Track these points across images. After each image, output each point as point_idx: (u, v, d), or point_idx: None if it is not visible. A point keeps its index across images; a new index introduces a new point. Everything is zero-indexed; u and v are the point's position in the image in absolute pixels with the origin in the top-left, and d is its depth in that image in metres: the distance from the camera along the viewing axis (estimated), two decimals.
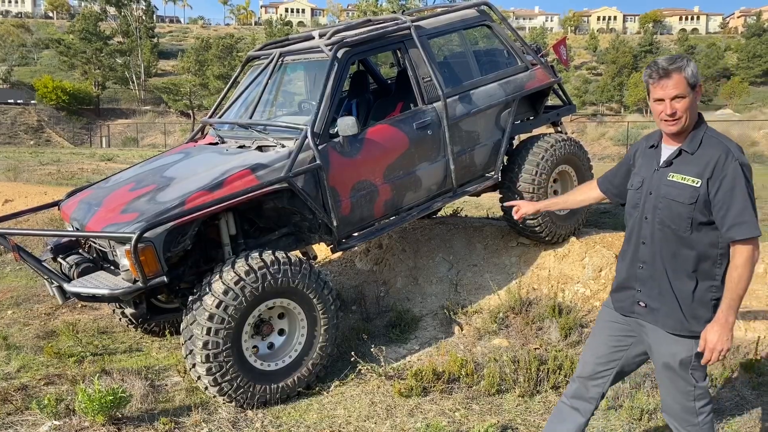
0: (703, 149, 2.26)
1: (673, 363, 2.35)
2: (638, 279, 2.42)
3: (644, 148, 2.50)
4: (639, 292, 2.42)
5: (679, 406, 2.40)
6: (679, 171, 2.29)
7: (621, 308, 2.51)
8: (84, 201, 4.25)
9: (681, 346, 2.33)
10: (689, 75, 2.21)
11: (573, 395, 2.65)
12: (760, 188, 11.22)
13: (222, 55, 48.46)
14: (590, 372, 2.60)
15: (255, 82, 4.88)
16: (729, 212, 2.19)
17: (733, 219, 2.19)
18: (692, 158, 2.27)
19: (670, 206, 2.29)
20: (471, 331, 4.77)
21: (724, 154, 2.21)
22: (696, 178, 2.24)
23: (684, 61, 2.23)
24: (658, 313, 2.37)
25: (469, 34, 5.48)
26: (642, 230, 2.39)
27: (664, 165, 2.34)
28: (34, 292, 6.09)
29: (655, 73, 2.24)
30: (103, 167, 17.32)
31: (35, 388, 3.97)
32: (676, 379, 2.38)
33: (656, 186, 2.35)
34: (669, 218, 2.30)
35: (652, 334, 2.41)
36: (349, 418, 3.62)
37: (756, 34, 64.28)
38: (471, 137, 4.93)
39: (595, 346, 2.61)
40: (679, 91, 2.21)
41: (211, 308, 3.52)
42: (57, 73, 52.98)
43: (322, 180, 4.05)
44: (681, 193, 2.26)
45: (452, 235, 5.90)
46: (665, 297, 2.35)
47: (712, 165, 2.21)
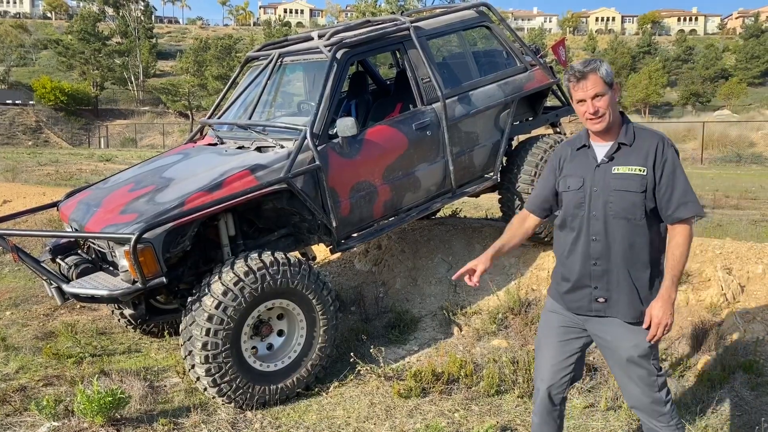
0: (639, 140, 2.40)
1: (636, 354, 2.41)
2: (593, 276, 2.45)
3: (571, 152, 2.56)
4: (596, 289, 2.46)
5: (648, 399, 2.46)
6: (623, 163, 2.39)
7: (578, 308, 2.52)
8: (83, 202, 4.25)
9: (641, 336, 2.40)
10: (604, 74, 2.34)
11: (540, 408, 2.67)
12: (758, 189, 11.25)
13: (221, 56, 48.47)
14: (549, 382, 2.62)
15: (254, 82, 4.88)
16: (674, 194, 2.34)
17: (678, 200, 2.34)
18: (632, 150, 2.39)
19: (624, 197, 2.37)
20: (470, 331, 4.78)
21: (660, 142, 2.38)
22: (641, 167, 2.36)
23: (597, 63, 2.37)
24: (619, 305, 2.43)
25: (468, 34, 5.49)
26: (591, 227, 2.43)
27: (606, 160, 2.42)
28: (33, 293, 6.08)
29: (573, 77, 2.38)
30: (101, 168, 17.31)
31: (34, 389, 3.97)
32: (641, 371, 2.44)
33: (601, 182, 2.41)
34: (623, 209, 2.37)
35: (612, 329, 2.46)
36: (349, 419, 3.62)
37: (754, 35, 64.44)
38: (470, 138, 4.93)
39: (550, 355, 2.62)
40: (597, 90, 2.34)
41: (210, 309, 3.52)
42: (55, 73, 52.95)
43: (322, 181, 4.05)
44: (631, 183, 2.36)
45: (451, 236, 5.90)
46: (623, 288, 2.41)
47: (652, 152, 2.36)
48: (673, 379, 3.86)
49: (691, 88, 55.37)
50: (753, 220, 7.41)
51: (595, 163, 2.44)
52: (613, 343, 2.46)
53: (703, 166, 19.80)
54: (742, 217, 7.67)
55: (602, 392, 3.73)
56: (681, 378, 3.88)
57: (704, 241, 5.12)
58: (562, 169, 2.56)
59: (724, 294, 4.54)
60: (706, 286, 4.65)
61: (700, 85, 55.70)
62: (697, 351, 4.11)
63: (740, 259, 4.77)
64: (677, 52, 65.87)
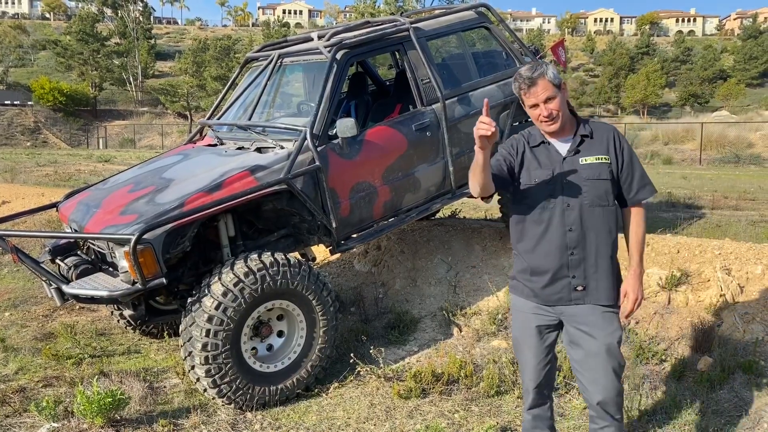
0: (596, 132, 2.55)
1: (612, 341, 2.52)
2: (571, 266, 2.52)
3: (528, 148, 2.61)
4: (574, 278, 2.53)
5: (615, 391, 2.55)
6: (588, 154, 2.51)
7: (558, 300, 2.57)
8: (82, 202, 4.24)
9: (615, 323, 2.55)
10: (552, 77, 2.44)
11: (531, 406, 2.77)
12: (757, 190, 11.26)
13: (219, 57, 48.41)
14: (537, 381, 2.70)
15: (254, 83, 4.88)
16: (634, 178, 2.54)
17: (638, 183, 2.55)
18: (593, 141, 2.54)
19: (596, 185, 2.49)
20: (470, 332, 4.78)
21: (613, 132, 2.56)
22: (605, 156, 2.51)
23: (544, 67, 2.47)
24: (597, 291, 2.53)
25: (468, 35, 5.49)
26: (566, 218, 2.51)
27: (572, 153, 2.52)
28: (32, 294, 6.08)
29: (523, 84, 2.47)
30: (100, 168, 17.29)
31: (33, 390, 3.97)
32: (613, 361, 2.52)
33: (570, 174, 2.51)
34: (598, 197, 2.50)
35: (589, 316, 2.53)
36: (349, 419, 3.62)
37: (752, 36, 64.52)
38: (470, 139, 4.93)
39: (533, 355, 2.68)
40: (548, 94, 2.45)
41: (210, 310, 3.52)
42: (54, 74, 52.90)
43: (321, 181, 4.05)
44: (600, 171, 2.49)
45: (451, 237, 5.90)
46: (602, 274, 2.53)
47: (611, 142, 2.53)
48: (673, 380, 3.87)
49: (690, 89, 55.41)
50: (752, 220, 7.42)
51: (561, 156, 2.53)
52: (591, 331, 2.53)
53: (701, 166, 19.83)
54: (741, 217, 7.68)
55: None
56: (681, 379, 3.88)
57: (703, 242, 5.12)
58: (522, 163, 2.60)
59: (724, 294, 4.54)
60: (706, 286, 4.66)
61: (699, 86, 55.75)
62: (696, 351, 4.11)
63: (739, 260, 4.78)
64: (675, 53, 65.93)
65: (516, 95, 2.55)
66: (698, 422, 3.36)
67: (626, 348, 4.12)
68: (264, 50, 5.22)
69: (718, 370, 3.83)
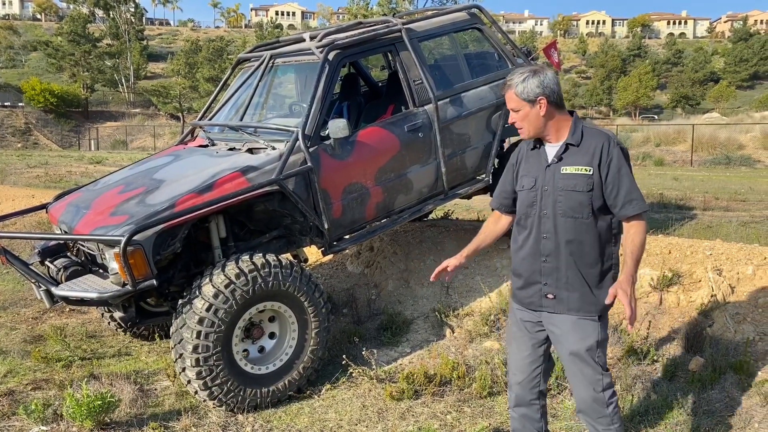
0: (586, 140, 2.46)
1: (581, 349, 2.48)
2: (543, 273, 2.52)
3: (526, 151, 2.63)
4: (546, 285, 2.53)
5: (590, 398, 2.51)
6: (570, 163, 2.45)
7: (531, 303, 2.60)
8: (72, 204, 4.21)
9: (587, 331, 2.48)
10: (519, 92, 2.44)
11: (516, 404, 2.74)
12: (747, 191, 11.33)
13: (212, 58, 48.31)
14: (521, 376, 2.69)
15: (245, 84, 4.86)
16: (620, 192, 2.42)
17: (624, 198, 2.42)
18: (578, 150, 2.46)
19: (571, 197, 2.44)
20: (462, 333, 4.77)
21: (606, 141, 2.44)
22: (587, 167, 2.42)
23: (516, 79, 2.45)
24: (568, 301, 2.50)
25: (460, 37, 5.49)
26: (542, 225, 2.51)
27: (555, 161, 2.49)
28: (21, 296, 6.03)
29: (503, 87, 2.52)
30: (91, 170, 17.19)
31: (22, 393, 3.93)
32: (585, 368, 2.49)
33: (551, 181, 2.48)
34: (571, 208, 2.44)
35: (561, 324, 2.53)
36: (341, 421, 3.61)
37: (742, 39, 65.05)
38: (462, 140, 4.94)
39: (519, 349, 2.69)
40: (512, 105, 2.48)
41: (201, 311, 3.50)
42: (45, 75, 52.63)
43: (313, 182, 4.04)
44: (578, 182, 2.43)
45: (443, 238, 5.90)
46: (573, 284, 2.48)
47: (598, 152, 2.42)
48: (665, 380, 3.88)
49: (681, 91, 55.81)
50: (743, 221, 7.46)
51: (546, 163, 2.52)
52: (561, 337, 2.54)
53: (692, 168, 19.95)
54: (732, 218, 7.72)
55: None
56: (672, 379, 3.89)
57: (695, 243, 5.14)
58: (519, 169, 2.64)
59: (715, 295, 4.56)
60: (697, 287, 4.68)
61: (690, 88, 56.14)
62: (688, 352, 4.13)
63: (730, 261, 4.80)
64: (667, 55, 66.38)
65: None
66: (689, 422, 3.36)
67: (618, 348, 4.13)
68: (256, 51, 5.20)
69: (709, 371, 3.84)
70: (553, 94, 2.44)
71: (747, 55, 61.46)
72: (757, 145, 23.63)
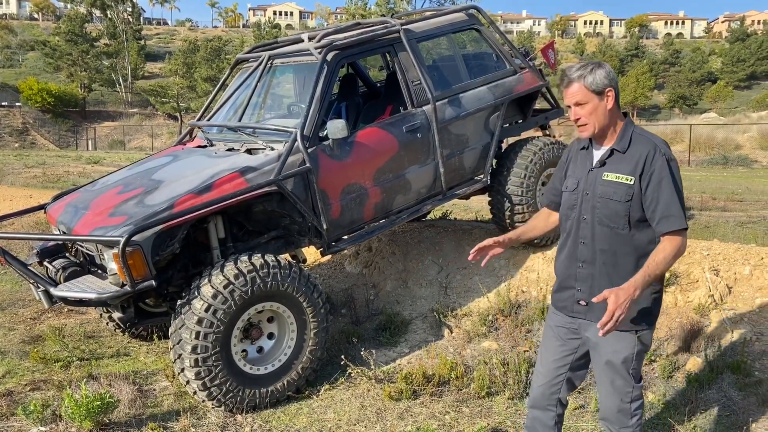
0: (633, 147, 2.35)
1: (616, 360, 2.41)
2: (578, 278, 2.47)
3: (576, 150, 2.56)
4: (579, 291, 2.47)
5: (615, 408, 2.46)
6: (613, 170, 2.36)
7: (564, 308, 2.55)
8: (71, 204, 4.21)
9: (624, 343, 2.40)
10: (590, 83, 2.31)
11: (533, 405, 2.71)
12: (744, 191, 11.36)
13: (210, 58, 48.26)
14: (542, 380, 2.64)
15: (244, 84, 4.86)
16: (658, 206, 2.28)
17: (661, 212, 2.28)
18: (624, 157, 2.35)
19: (608, 205, 2.35)
20: (461, 333, 4.78)
21: (652, 150, 2.30)
22: (629, 176, 2.31)
23: (586, 70, 2.33)
24: (600, 311, 2.35)
25: (458, 37, 5.50)
26: (581, 230, 2.44)
27: (598, 165, 2.41)
28: (20, 297, 6.02)
29: (563, 83, 2.38)
30: (89, 170, 17.17)
31: (21, 394, 3.92)
32: (616, 379, 2.44)
33: (592, 186, 2.41)
34: (607, 217, 2.36)
35: (596, 332, 2.41)
36: (339, 422, 3.61)
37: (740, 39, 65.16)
38: (460, 140, 4.94)
39: (546, 352, 2.65)
40: (578, 98, 2.33)
41: (200, 312, 3.50)
42: (42, 75, 52.49)
43: (312, 183, 4.04)
44: (617, 191, 2.33)
45: (442, 238, 5.91)
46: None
47: (642, 162, 2.30)
48: (662, 380, 3.89)
49: (678, 91, 55.89)
50: (740, 221, 7.48)
51: (590, 166, 2.44)
52: (598, 345, 2.46)
53: (690, 168, 19.98)
54: (729, 219, 7.74)
55: (592, 394, 3.74)
56: (670, 379, 3.91)
57: (692, 243, 5.16)
58: (567, 168, 2.58)
59: (712, 295, 4.58)
60: (694, 287, 4.69)
61: (687, 88, 56.24)
62: (685, 352, 4.14)
63: (727, 261, 4.82)
64: (664, 56, 66.46)
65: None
66: (687, 422, 3.37)
67: None
68: (254, 51, 5.20)
69: (706, 370, 3.85)
70: (617, 88, 2.35)
71: (744, 56, 61.56)
72: (755, 146, 23.71)
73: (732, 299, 4.54)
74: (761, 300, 4.46)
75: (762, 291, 4.55)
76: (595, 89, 2.31)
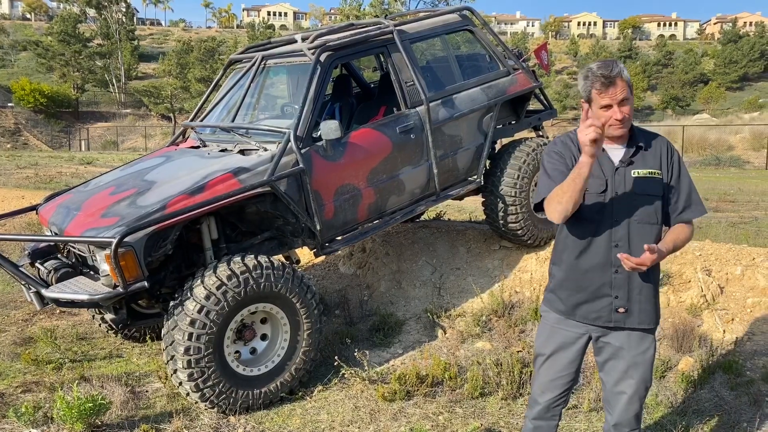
0: (651, 142, 2.38)
1: (642, 362, 2.41)
2: (614, 285, 2.35)
3: (577, 151, 2.35)
4: (617, 299, 2.36)
5: (634, 412, 2.45)
6: (641, 166, 2.34)
7: (596, 319, 2.40)
8: (63, 205, 4.19)
9: (648, 342, 2.42)
10: (628, 78, 2.27)
11: (535, 417, 2.63)
12: (736, 192, 11.43)
13: (204, 58, 48.11)
14: (550, 395, 2.57)
15: (237, 85, 4.85)
16: (681, 196, 2.36)
17: (685, 201, 2.37)
18: (647, 153, 2.36)
19: (647, 201, 2.33)
20: (454, 334, 4.78)
21: (668, 144, 2.39)
22: (658, 170, 2.35)
23: (620, 65, 2.26)
24: (640, 314, 2.37)
25: (452, 38, 5.51)
26: (614, 233, 2.33)
27: (625, 164, 2.35)
28: (11, 298, 5.99)
29: (599, 83, 2.23)
30: (82, 171, 17.08)
31: (12, 396, 3.90)
32: (643, 381, 2.42)
33: (622, 186, 2.33)
34: (647, 214, 2.34)
35: (624, 338, 2.40)
36: (333, 423, 3.61)
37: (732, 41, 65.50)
38: (454, 141, 4.95)
39: (554, 368, 2.54)
40: (625, 95, 2.25)
41: (192, 313, 3.49)
42: (35, 75, 52.18)
43: (306, 184, 4.04)
44: (653, 186, 2.34)
45: (435, 239, 5.92)
46: (644, 295, 2.37)
47: (665, 155, 2.36)
48: (655, 380, 3.90)
49: (671, 93, 56.16)
50: (732, 222, 7.52)
51: (614, 166, 2.35)
52: (623, 351, 2.40)
53: None
54: (722, 219, 7.79)
55: (585, 393, 3.75)
56: (662, 378, 3.92)
57: None
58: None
59: (704, 295, 4.60)
60: (687, 287, 4.72)
61: (680, 90, 56.52)
62: (677, 351, 4.16)
63: (719, 261, 4.84)
64: (657, 57, 66.74)
65: (587, 91, 2.28)
66: (680, 422, 3.39)
67: None
68: (248, 52, 5.20)
69: (699, 370, 3.88)
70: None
71: (736, 57, 61.92)
72: (746, 146, 23.86)
73: (724, 299, 4.57)
74: (753, 300, 4.49)
75: (753, 291, 4.58)
76: (630, 84, 2.27)
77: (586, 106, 2.31)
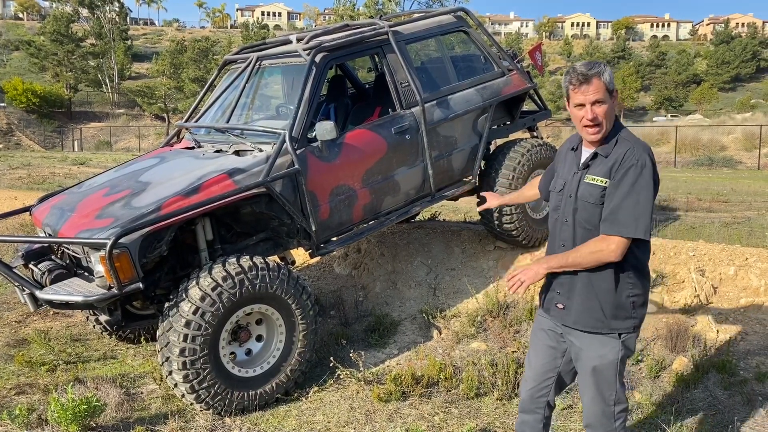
0: (615, 150, 2.31)
1: (601, 365, 2.40)
2: (558, 281, 2.46)
3: (566, 150, 2.54)
4: (558, 294, 2.47)
5: (600, 412, 2.45)
6: (593, 173, 2.34)
7: (547, 310, 2.56)
8: (56, 206, 4.17)
9: (609, 347, 2.39)
10: (607, 81, 2.24)
11: (521, 410, 2.71)
12: (729, 192, 11.48)
13: (197, 58, 47.96)
14: (531, 384, 2.64)
15: (232, 85, 4.84)
16: (607, 207, 2.27)
17: (606, 213, 2.28)
18: (605, 160, 2.32)
19: (586, 207, 2.34)
20: (449, 334, 4.79)
21: (628, 151, 2.27)
22: (604, 178, 2.30)
23: (602, 67, 2.26)
24: (578, 314, 2.40)
25: (446, 39, 5.52)
26: (562, 233, 2.44)
27: (583, 167, 2.39)
28: (5, 300, 5.95)
29: (575, 79, 2.25)
30: (75, 171, 17.00)
31: (6, 398, 3.88)
32: (601, 384, 2.42)
33: (575, 188, 2.39)
34: (586, 220, 2.35)
35: (580, 338, 2.44)
36: (328, 423, 3.61)
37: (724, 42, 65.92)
38: (449, 142, 4.96)
39: (536, 356, 2.64)
40: (598, 96, 2.24)
41: (187, 314, 3.48)
42: (27, 75, 51.89)
43: (301, 184, 4.04)
44: (593, 193, 2.32)
45: (430, 240, 5.92)
46: (584, 297, 2.38)
47: (616, 165, 2.27)
48: (649, 380, 3.92)
49: (664, 93, 56.45)
50: (725, 222, 7.56)
51: (575, 168, 2.43)
52: (581, 351, 2.45)
53: (676, 169, 20.17)
54: (715, 219, 7.82)
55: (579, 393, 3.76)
56: (656, 378, 3.94)
57: (678, 244, 5.21)
58: (557, 168, 2.59)
59: (698, 295, 4.63)
60: (680, 287, 4.74)
61: (673, 90, 56.81)
62: (671, 351, 4.18)
63: (713, 261, 4.87)
64: (650, 58, 67.04)
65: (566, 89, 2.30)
66: (674, 421, 3.40)
67: None
68: (242, 52, 5.19)
69: (692, 370, 3.89)
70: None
71: (729, 58, 62.31)
72: (739, 147, 24.00)
73: (717, 299, 4.60)
74: (746, 300, 4.52)
75: (747, 291, 4.61)
76: (611, 88, 2.27)
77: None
